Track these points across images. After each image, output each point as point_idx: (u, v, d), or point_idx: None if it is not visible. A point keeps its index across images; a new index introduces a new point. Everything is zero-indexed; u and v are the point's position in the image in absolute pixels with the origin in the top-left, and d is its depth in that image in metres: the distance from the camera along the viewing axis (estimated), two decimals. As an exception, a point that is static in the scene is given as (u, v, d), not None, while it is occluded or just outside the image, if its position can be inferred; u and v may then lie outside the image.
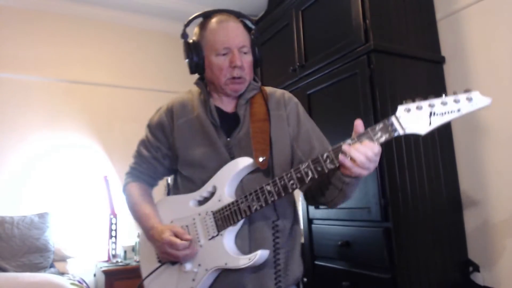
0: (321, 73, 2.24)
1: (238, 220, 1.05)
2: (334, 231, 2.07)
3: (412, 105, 0.88)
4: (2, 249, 2.45)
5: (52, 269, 2.58)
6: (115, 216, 2.98)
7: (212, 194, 1.12)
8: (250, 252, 1.06)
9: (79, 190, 3.11)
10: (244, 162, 1.09)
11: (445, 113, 0.86)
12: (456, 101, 0.85)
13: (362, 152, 0.90)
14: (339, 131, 2.12)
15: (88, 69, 3.33)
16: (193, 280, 1.09)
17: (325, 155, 0.95)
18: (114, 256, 2.90)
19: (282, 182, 1.01)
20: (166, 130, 1.22)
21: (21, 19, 3.12)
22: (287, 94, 1.27)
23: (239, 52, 1.15)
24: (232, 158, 1.12)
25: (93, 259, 3.01)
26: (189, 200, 1.16)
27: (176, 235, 1.07)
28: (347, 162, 0.91)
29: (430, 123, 0.87)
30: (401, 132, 0.90)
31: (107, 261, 2.90)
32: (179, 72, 3.74)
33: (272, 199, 1.02)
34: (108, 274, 2.66)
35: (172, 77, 3.69)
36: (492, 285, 1.89)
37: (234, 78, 1.15)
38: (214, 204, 1.10)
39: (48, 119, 3.10)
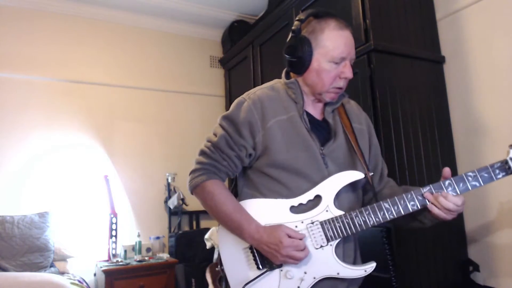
0: (321, 73, 2.23)
1: (353, 232, 1.06)
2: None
3: None
4: (2, 248, 2.45)
5: (52, 269, 2.58)
6: (115, 215, 2.98)
7: (312, 202, 1.09)
8: (354, 262, 1.14)
9: (80, 190, 3.12)
10: (356, 176, 1.09)
11: None
12: None
13: (452, 202, 1.02)
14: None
15: (88, 69, 3.33)
16: (298, 287, 1.07)
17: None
18: (114, 255, 2.90)
19: (402, 202, 1.05)
20: (254, 129, 1.13)
21: (21, 19, 3.12)
22: (358, 105, 1.32)
23: (350, 63, 1.14)
24: (326, 168, 1.11)
25: (93, 259, 3.01)
26: (285, 206, 1.10)
27: (290, 236, 1.04)
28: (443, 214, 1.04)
29: None
30: None
31: (107, 261, 2.90)
32: (179, 72, 3.74)
33: (392, 217, 1.05)
34: (108, 273, 2.66)
35: (172, 77, 3.69)
36: (492, 285, 1.90)
37: (337, 88, 1.15)
38: (320, 214, 1.08)
39: (48, 118, 3.11)
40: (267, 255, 1.07)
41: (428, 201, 1.03)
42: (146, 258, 2.95)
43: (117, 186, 3.24)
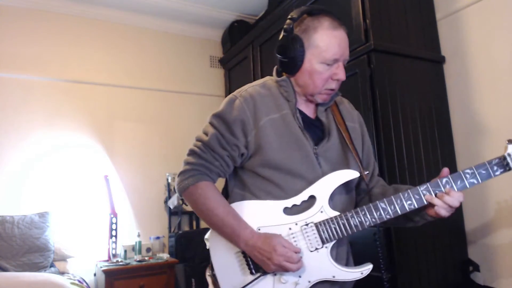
0: (321, 73, 2.23)
1: (349, 234, 1.03)
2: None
3: None
4: (2, 248, 2.45)
5: (52, 269, 2.58)
6: (115, 215, 2.98)
7: (306, 203, 1.06)
8: (347, 264, 1.13)
9: (80, 190, 3.11)
10: (351, 175, 1.06)
11: None
12: None
13: (457, 199, 0.99)
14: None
15: (88, 69, 3.33)
16: None
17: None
18: (114, 255, 2.90)
19: (399, 201, 1.02)
20: (246, 127, 1.08)
21: (21, 19, 3.12)
22: (350, 104, 1.30)
23: (344, 64, 1.11)
24: (320, 167, 1.08)
25: (93, 259, 3.01)
26: (279, 207, 1.06)
27: (285, 247, 1.01)
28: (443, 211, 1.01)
29: None
30: None
31: (107, 261, 2.90)
32: (179, 72, 3.74)
33: (388, 217, 1.02)
34: (108, 273, 2.66)
35: (172, 77, 3.69)
36: (492, 285, 1.90)
37: (329, 89, 1.11)
38: (314, 215, 1.05)
39: (48, 118, 3.10)
40: (259, 262, 1.04)
41: (433, 204, 1.00)
42: (146, 258, 2.95)
43: (117, 186, 3.24)
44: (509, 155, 0.98)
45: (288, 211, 1.07)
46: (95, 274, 2.95)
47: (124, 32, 3.54)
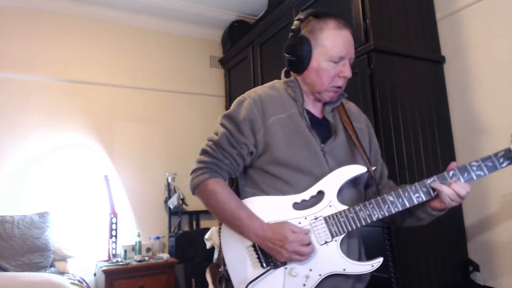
0: (321, 73, 2.24)
1: (357, 227, 1.05)
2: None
3: None
4: (2, 248, 2.45)
5: (52, 269, 2.58)
6: (115, 215, 2.98)
7: (315, 198, 1.09)
8: (359, 257, 1.14)
9: (80, 190, 3.12)
10: (359, 170, 1.09)
11: None
12: None
13: (465, 188, 1.00)
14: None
15: (88, 69, 3.33)
16: (304, 285, 1.05)
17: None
18: (114, 255, 2.90)
19: (406, 194, 1.04)
20: (255, 126, 1.13)
21: (21, 19, 3.12)
22: (357, 107, 1.33)
23: (349, 63, 1.15)
24: (327, 164, 1.11)
25: (93, 259, 3.01)
26: (288, 202, 1.09)
27: (294, 232, 1.03)
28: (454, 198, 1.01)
29: None
30: None
31: (107, 261, 2.90)
32: (179, 72, 3.75)
33: (396, 209, 1.04)
34: (108, 273, 2.66)
35: (172, 77, 3.69)
36: (492, 285, 1.90)
37: (336, 87, 1.15)
38: (323, 209, 1.07)
39: (48, 118, 3.11)
40: (272, 253, 1.06)
41: (439, 190, 1.01)
42: (146, 258, 2.95)
43: (117, 186, 3.24)
44: None
45: (297, 206, 1.09)
46: (95, 274, 2.95)
47: (124, 32, 3.54)
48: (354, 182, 1.14)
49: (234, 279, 1.11)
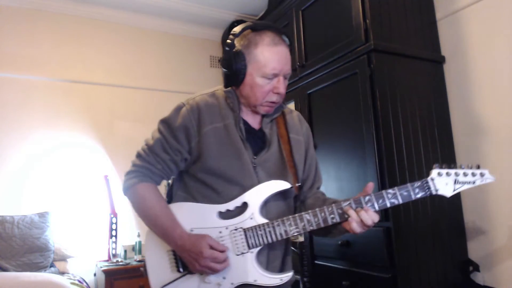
0: (321, 72, 2.24)
1: (273, 241, 1.08)
2: (334, 230, 2.07)
3: (443, 171, 1.02)
4: (2, 248, 2.45)
5: (52, 269, 2.58)
6: (115, 215, 2.98)
7: (239, 209, 1.11)
8: (282, 268, 1.17)
9: (80, 190, 3.12)
10: (282, 186, 1.11)
11: (464, 182, 1.03)
12: (473, 175, 1.03)
13: (372, 218, 1.02)
14: (338, 131, 2.12)
15: (88, 69, 3.33)
16: None
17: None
18: (114, 255, 2.90)
19: (323, 214, 1.06)
20: (190, 134, 1.15)
21: (21, 19, 3.12)
22: (300, 116, 1.33)
23: (284, 79, 1.15)
24: (257, 177, 1.13)
25: (93, 259, 3.01)
26: (213, 211, 1.12)
27: (212, 247, 1.06)
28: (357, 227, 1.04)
29: (454, 190, 1.02)
30: (433, 192, 1.02)
31: (107, 261, 2.90)
32: (179, 72, 3.75)
33: (311, 228, 1.07)
34: (108, 273, 2.66)
35: (172, 77, 3.70)
36: (492, 285, 1.90)
37: (270, 102, 1.16)
38: (244, 221, 1.10)
39: (49, 118, 3.11)
40: (187, 263, 1.09)
41: (349, 215, 1.03)
42: (146, 258, 2.95)
43: (117, 186, 3.24)
44: (432, 179, 1.02)
45: (222, 215, 1.12)
46: (95, 274, 2.95)
47: (124, 32, 3.54)
48: (283, 195, 1.16)
49: (151, 279, 1.15)
